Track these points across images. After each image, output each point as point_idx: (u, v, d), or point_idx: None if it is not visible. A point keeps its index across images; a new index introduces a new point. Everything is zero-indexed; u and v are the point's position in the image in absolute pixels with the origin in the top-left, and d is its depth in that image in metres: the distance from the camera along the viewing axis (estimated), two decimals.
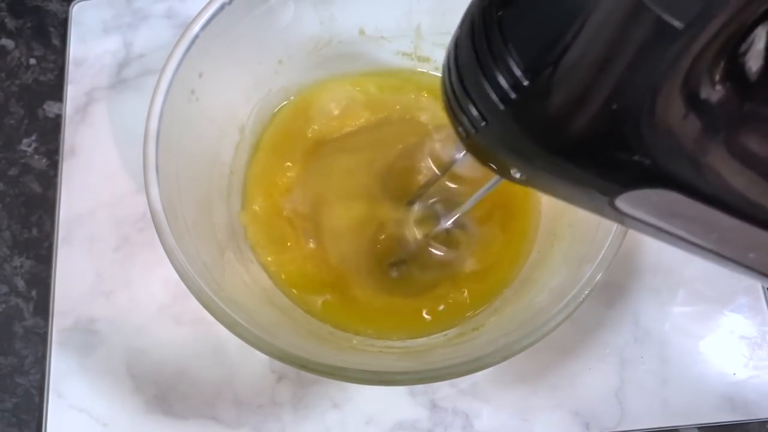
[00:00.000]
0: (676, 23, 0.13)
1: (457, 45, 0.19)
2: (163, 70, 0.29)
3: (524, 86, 0.16)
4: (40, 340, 0.37)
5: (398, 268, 0.35)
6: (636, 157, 0.16)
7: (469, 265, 0.35)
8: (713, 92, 0.15)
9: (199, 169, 0.33)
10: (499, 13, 0.16)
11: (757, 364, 0.35)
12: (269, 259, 0.35)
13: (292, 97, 0.38)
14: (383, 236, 0.35)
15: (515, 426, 0.34)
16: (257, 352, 0.26)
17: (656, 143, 0.15)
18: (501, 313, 0.32)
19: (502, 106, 0.17)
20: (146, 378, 0.36)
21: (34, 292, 0.38)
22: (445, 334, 0.33)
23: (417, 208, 0.34)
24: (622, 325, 0.36)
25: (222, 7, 0.30)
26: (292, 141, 0.37)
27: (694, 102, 0.15)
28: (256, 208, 0.36)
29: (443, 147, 0.34)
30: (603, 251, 0.27)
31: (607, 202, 0.18)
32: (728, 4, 0.13)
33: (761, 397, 0.35)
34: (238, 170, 0.36)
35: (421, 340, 0.33)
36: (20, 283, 0.38)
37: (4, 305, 0.38)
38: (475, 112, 0.18)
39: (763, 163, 0.16)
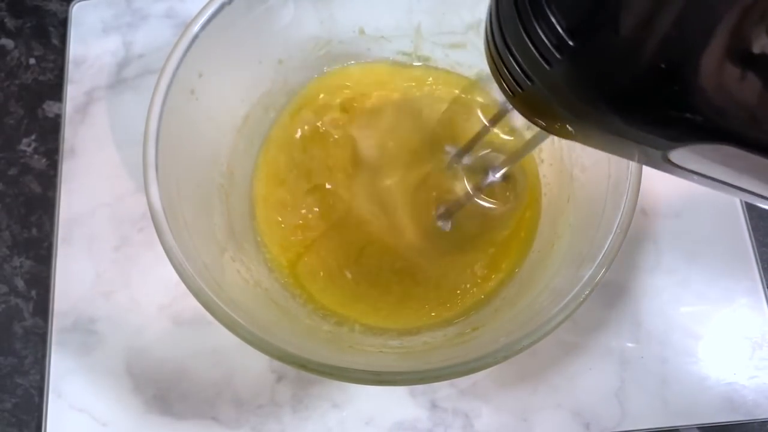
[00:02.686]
0: None
1: (498, 3, 0.18)
2: (162, 69, 0.29)
3: (569, 45, 0.15)
4: (39, 340, 0.37)
5: (447, 219, 0.34)
6: (688, 114, 0.15)
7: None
8: (766, 45, 0.14)
9: (199, 169, 0.33)
10: None
11: (758, 364, 0.35)
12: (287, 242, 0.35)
13: (293, 96, 0.38)
14: (431, 189, 0.34)
15: (515, 426, 0.34)
16: (257, 352, 0.26)
17: (709, 100, 0.15)
18: (501, 313, 0.32)
19: (547, 67, 0.16)
20: (146, 378, 0.36)
21: (33, 292, 0.38)
22: (445, 334, 0.33)
23: (466, 160, 0.34)
24: (622, 325, 0.36)
25: (222, 7, 0.30)
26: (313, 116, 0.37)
27: (747, 57, 0.14)
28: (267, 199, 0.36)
29: (493, 99, 0.33)
30: (603, 251, 0.27)
31: (661, 156, 0.17)
32: None
33: (761, 397, 0.35)
34: (238, 170, 0.36)
35: (421, 340, 0.33)
36: (20, 283, 0.38)
37: (3, 305, 0.38)
38: (520, 72, 0.18)
39: None
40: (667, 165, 0.18)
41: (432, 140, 0.35)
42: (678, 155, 0.17)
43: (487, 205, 0.34)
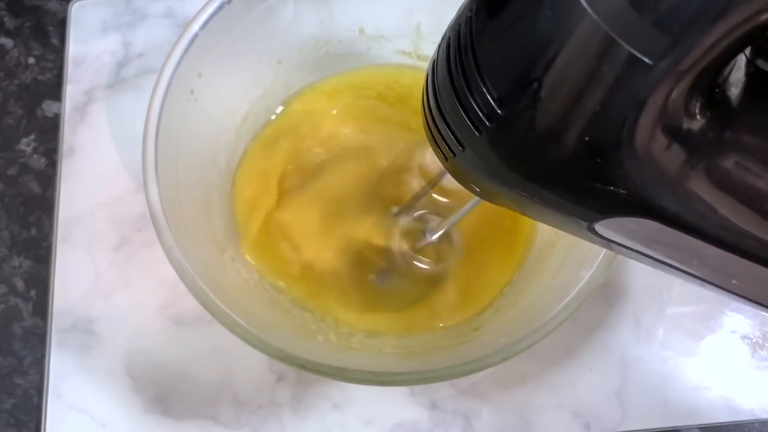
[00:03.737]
0: (647, 59, 0.13)
1: (434, 68, 0.18)
2: (162, 69, 0.29)
3: (499, 115, 0.16)
4: (39, 340, 0.37)
5: (382, 277, 0.35)
6: (611, 187, 0.16)
7: (452, 287, 0.34)
8: (691, 122, 0.15)
9: (199, 169, 0.33)
10: (474, 37, 0.16)
11: (758, 364, 0.35)
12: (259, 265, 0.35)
13: (289, 99, 0.37)
14: (369, 245, 0.35)
15: (516, 426, 0.34)
16: (257, 353, 0.26)
17: (632, 174, 0.15)
18: (501, 313, 0.32)
19: (477, 134, 0.17)
20: (145, 378, 0.36)
21: (33, 293, 0.38)
22: (445, 334, 0.33)
23: (404, 220, 0.35)
24: (623, 325, 0.36)
25: (221, 7, 0.30)
26: (280, 150, 0.37)
27: (670, 133, 0.15)
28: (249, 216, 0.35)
29: (431, 161, 0.34)
30: (604, 252, 0.27)
31: (586, 227, 0.18)
32: (697, 43, 0.13)
33: (761, 397, 0.35)
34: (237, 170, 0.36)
35: (421, 340, 0.33)
36: (19, 284, 0.38)
37: (2, 305, 0.38)
38: (452, 138, 0.18)
39: (743, 191, 0.15)
40: (594, 236, 0.18)
41: (378, 194, 0.36)
42: (603, 227, 0.17)
43: (420, 265, 0.35)
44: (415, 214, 0.35)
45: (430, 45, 0.37)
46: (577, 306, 0.27)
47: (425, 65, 0.37)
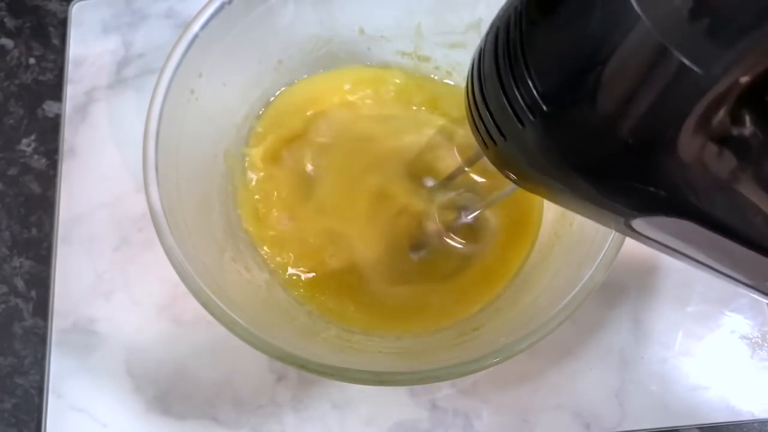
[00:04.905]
0: (696, 68, 0.13)
1: (481, 57, 0.18)
2: (162, 69, 0.29)
3: (543, 111, 0.16)
4: (39, 340, 0.37)
5: (419, 253, 0.34)
6: (652, 188, 0.16)
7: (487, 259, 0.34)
8: (739, 129, 0.15)
9: (199, 169, 0.33)
10: (524, 32, 0.16)
11: (758, 364, 0.35)
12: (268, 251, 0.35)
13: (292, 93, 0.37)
14: (405, 220, 0.35)
15: (516, 426, 0.34)
16: (257, 352, 0.26)
17: (673, 177, 0.15)
18: (501, 313, 0.32)
19: (520, 126, 0.17)
20: (146, 378, 0.36)
21: (33, 293, 0.38)
22: (445, 334, 0.33)
23: (440, 196, 0.34)
24: (622, 325, 0.36)
25: (222, 7, 0.30)
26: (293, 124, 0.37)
27: (716, 139, 0.15)
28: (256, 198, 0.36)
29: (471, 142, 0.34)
30: (604, 252, 0.27)
31: (623, 223, 0.18)
32: (747, 56, 0.13)
33: (761, 398, 0.35)
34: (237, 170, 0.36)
35: (421, 340, 0.33)
36: (20, 284, 0.38)
37: (3, 305, 0.38)
38: (494, 127, 0.18)
39: None
40: (629, 231, 0.18)
41: (411, 170, 0.36)
42: (640, 224, 0.17)
43: (454, 244, 0.35)
44: (452, 192, 0.35)
45: (430, 45, 0.37)
46: (577, 306, 0.27)
47: (426, 65, 0.37)
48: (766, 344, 0.36)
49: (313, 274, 0.35)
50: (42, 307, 0.38)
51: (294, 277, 0.34)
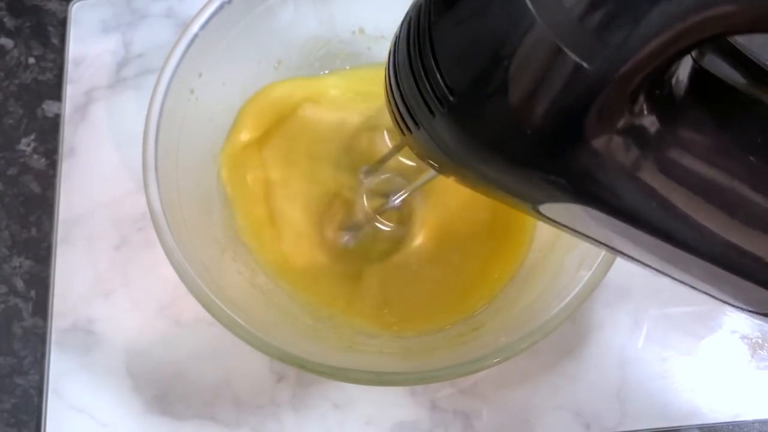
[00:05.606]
0: (586, 64, 0.14)
1: (396, 46, 0.19)
2: (162, 69, 0.29)
3: (450, 102, 0.16)
4: (39, 340, 0.37)
5: (349, 235, 0.35)
6: (552, 176, 0.17)
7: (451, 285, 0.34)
8: (637, 120, 0.15)
9: (199, 169, 0.33)
10: (431, 23, 0.16)
11: (758, 364, 0.35)
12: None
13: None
14: (336, 203, 0.35)
15: (516, 426, 0.34)
16: (257, 353, 0.26)
17: (577, 167, 0.16)
18: (501, 313, 0.32)
19: (431, 116, 0.18)
20: (146, 378, 0.36)
21: (33, 293, 0.38)
22: (445, 334, 0.33)
23: (370, 180, 0.35)
24: (623, 325, 0.36)
25: (221, 7, 0.30)
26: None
27: (616, 131, 0.15)
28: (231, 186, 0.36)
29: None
30: (604, 252, 0.27)
31: (531, 208, 0.19)
32: (632, 53, 0.14)
33: (761, 398, 0.35)
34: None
35: (421, 340, 0.33)
36: (19, 284, 0.38)
37: (3, 305, 0.38)
38: (408, 115, 0.19)
39: (683, 182, 0.16)
40: (539, 215, 0.19)
41: (349, 158, 0.36)
42: (546, 209, 0.19)
43: (383, 228, 0.35)
44: (382, 176, 0.35)
45: None
46: (577, 306, 0.27)
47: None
48: (766, 344, 0.36)
49: (302, 269, 0.35)
50: (41, 307, 0.38)
51: (284, 273, 0.34)
